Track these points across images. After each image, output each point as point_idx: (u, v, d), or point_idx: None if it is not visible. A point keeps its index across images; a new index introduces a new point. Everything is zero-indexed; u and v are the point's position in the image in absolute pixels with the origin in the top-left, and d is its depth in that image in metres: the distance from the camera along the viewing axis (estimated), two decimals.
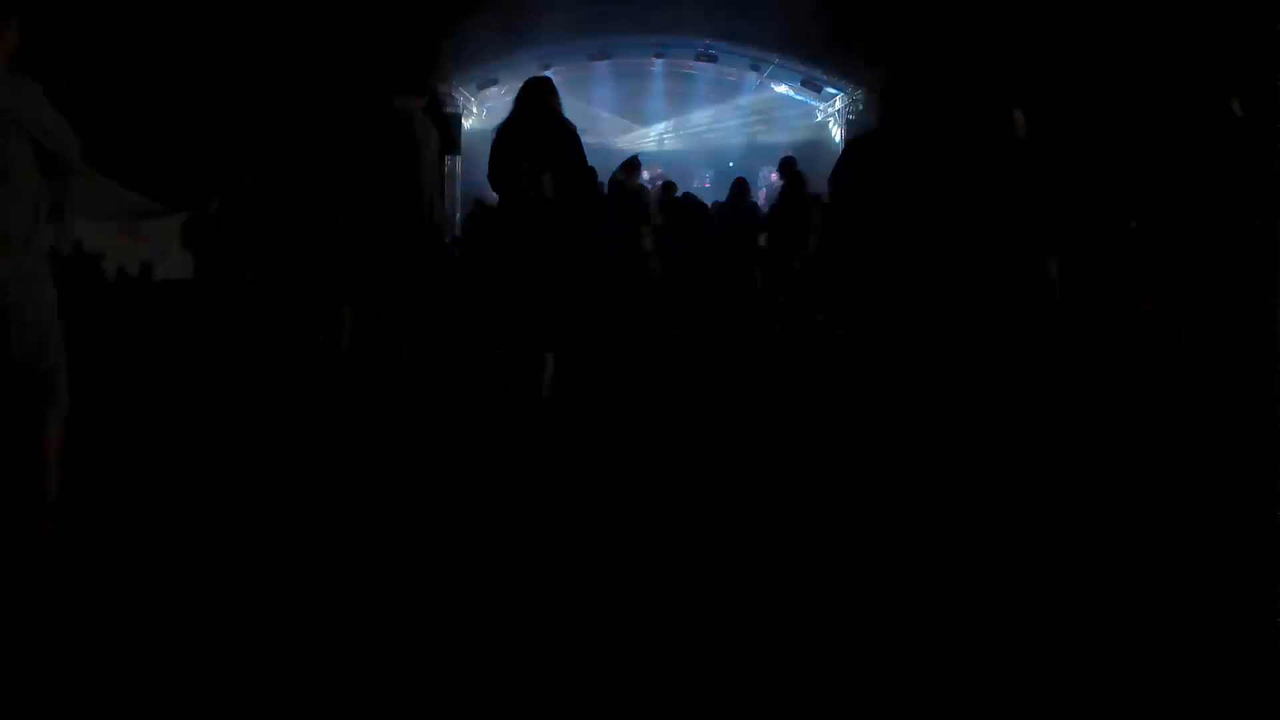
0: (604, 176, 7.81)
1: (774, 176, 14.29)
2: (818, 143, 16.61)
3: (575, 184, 4.32)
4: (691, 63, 16.31)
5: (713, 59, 15.97)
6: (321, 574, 2.32)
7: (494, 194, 4.52)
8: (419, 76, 4.24)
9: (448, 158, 12.58)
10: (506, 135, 4.32)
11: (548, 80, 4.55)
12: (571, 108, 4.67)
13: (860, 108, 14.44)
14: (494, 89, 15.44)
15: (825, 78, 15.13)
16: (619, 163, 8.18)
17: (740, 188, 9.03)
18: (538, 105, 4.33)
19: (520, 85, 4.55)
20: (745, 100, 17.80)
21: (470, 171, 13.64)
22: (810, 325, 6.92)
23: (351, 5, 11.25)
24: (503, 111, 4.63)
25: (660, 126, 18.46)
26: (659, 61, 16.38)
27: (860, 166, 4.87)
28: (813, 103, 16.47)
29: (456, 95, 14.71)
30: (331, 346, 4.35)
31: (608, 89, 16.98)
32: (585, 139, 4.46)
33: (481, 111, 15.71)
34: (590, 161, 7.36)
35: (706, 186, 16.55)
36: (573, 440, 3.88)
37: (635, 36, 15.11)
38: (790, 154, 9.85)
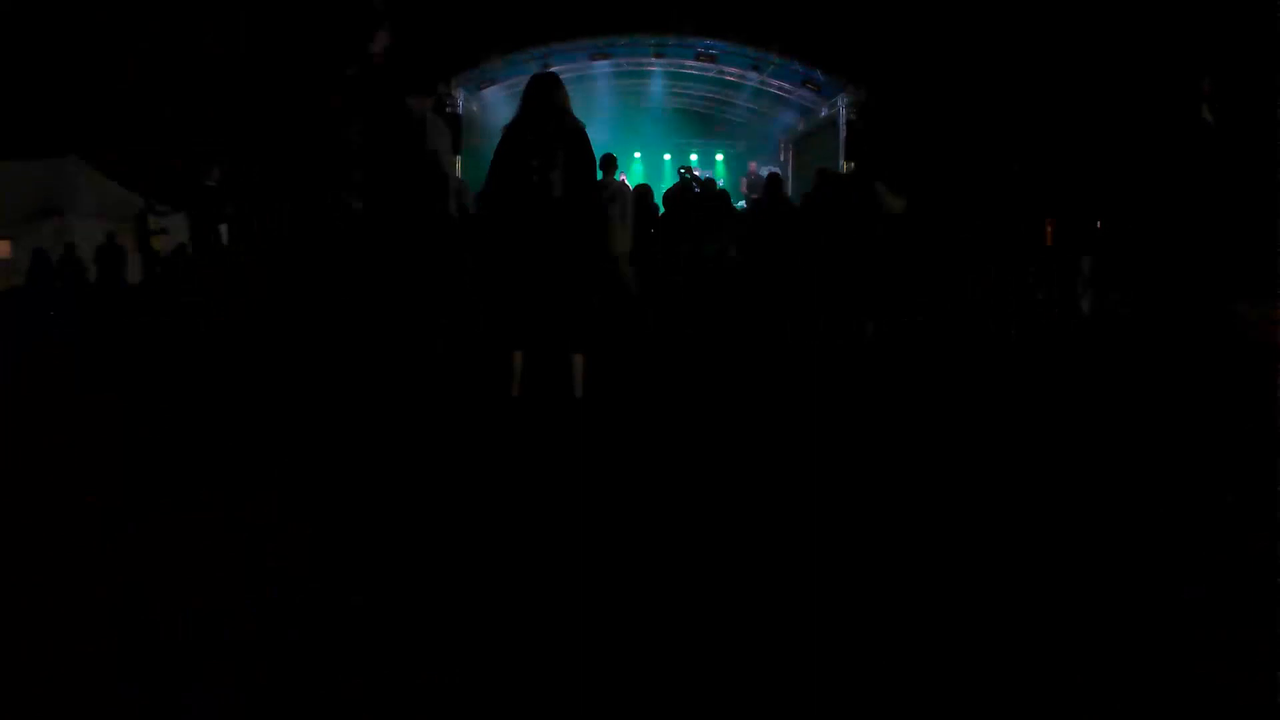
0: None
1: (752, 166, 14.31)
2: (819, 137, 16.64)
3: (584, 182, 4.29)
4: (691, 62, 16.30)
5: (713, 59, 15.96)
6: (328, 569, 2.32)
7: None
8: (427, 77, 4.26)
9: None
10: (514, 133, 4.27)
11: (554, 76, 4.47)
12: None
13: (861, 107, 14.45)
14: (493, 89, 15.47)
15: (825, 77, 15.14)
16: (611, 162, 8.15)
17: (775, 184, 8.74)
18: (546, 103, 4.28)
19: (527, 82, 4.47)
20: (745, 99, 17.82)
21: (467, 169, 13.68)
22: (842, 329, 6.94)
23: (355, 7, 11.28)
24: (501, 110, 4.65)
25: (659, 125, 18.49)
26: (659, 61, 16.37)
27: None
28: (812, 103, 16.48)
29: (456, 95, 14.73)
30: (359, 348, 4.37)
31: (608, 89, 16.99)
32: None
33: (481, 111, 15.73)
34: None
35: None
36: (586, 439, 3.88)
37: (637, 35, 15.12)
38: (775, 171, 9.77)
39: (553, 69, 15.68)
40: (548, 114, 4.24)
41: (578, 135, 4.25)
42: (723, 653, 1.85)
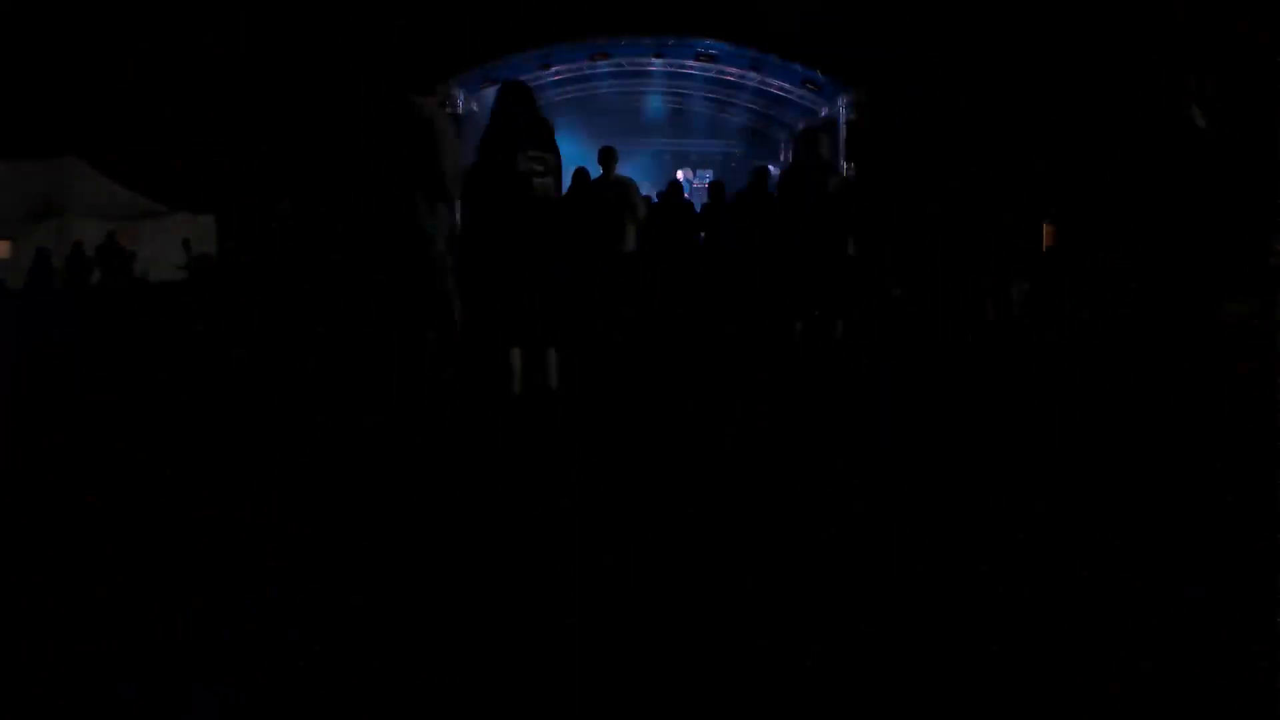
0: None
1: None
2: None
3: (554, 178, 4.49)
4: (691, 62, 16.29)
5: (713, 59, 15.95)
6: (328, 569, 2.32)
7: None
8: (427, 77, 4.40)
9: None
10: (494, 139, 4.44)
11: (522, 84, 4.72)
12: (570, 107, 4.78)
13: (861, 107, 14.45)
14: (493, 89, 15.45)
15: (825, 77, 15.13)
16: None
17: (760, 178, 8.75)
18: (519, 108, 4.47)
19: (499, 89, 4.71)
20: (745, 99, 17.82)
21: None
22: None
23: (356, 7, 11.28)
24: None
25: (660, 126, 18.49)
26: (659, 61, 16.36)
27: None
28: (812, 103, 16.47)
29: (456, 95, 14.72)
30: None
31: (608, 89, 16.99)
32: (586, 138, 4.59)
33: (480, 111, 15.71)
34: (587, 161, 7.48)
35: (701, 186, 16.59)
36: (582, 437, 3.88)
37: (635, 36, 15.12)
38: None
39: (553, 69, 15.74)
40: (523, 119, 4.44)
41: (547, 133, 4.44)
42: (720, 651, 1.85)
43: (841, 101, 15.19)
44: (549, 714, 1.65)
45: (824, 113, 16.25)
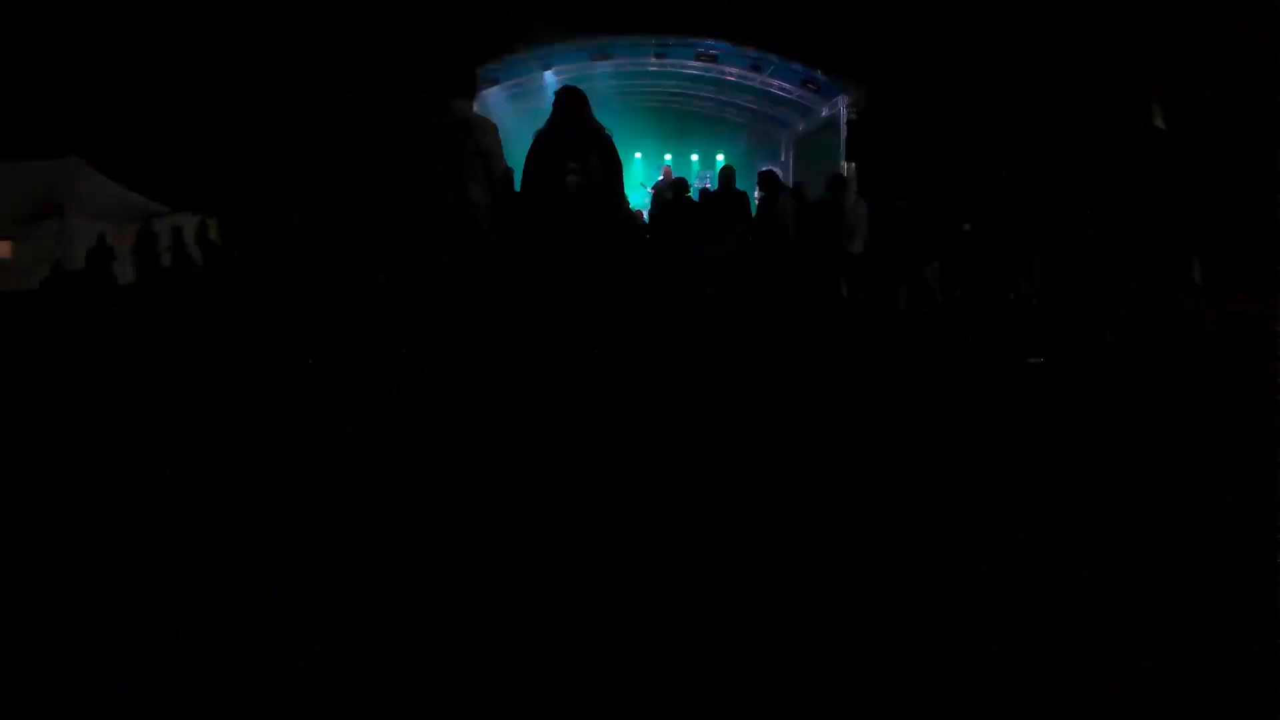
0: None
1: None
2: (819, 137, 16.63)
3: (615, 185, 4.56)
4: (692, 63, 16.30)
5: (713, 59, 15.95)
6: (328, 569, 2.31)
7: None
8: (427, 77, 4.50)
9: None
10: (546, 144, 4.52)
11: (579, 90, 4.79)
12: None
13: (861, 106, 14.44)
14: (494, 89, 15.44)
15: (825, 77, 15.12)
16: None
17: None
18: (573, 114, 4.55)
19: (555, 95, 4.77)
20: (746, 99, 17.82)
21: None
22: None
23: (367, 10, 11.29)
24: (502, 110, 4.90)
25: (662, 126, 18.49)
26: (659, 62, 16.36)
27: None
28: (812, 103, 16.47)
29: None
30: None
31: (609, 89, 16.98)
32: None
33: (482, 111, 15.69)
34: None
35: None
36: (582, 437, 3.88)
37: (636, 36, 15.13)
38: (772, 169, 9.97)
39: (553, 69, 15.72)
40: (579, 122, 4.54)
41: (607, 143, 4.56)
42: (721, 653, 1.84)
43: (841, 101, 15.19)
44: (549, 714, 1.65)
45: (824, 113, 16.26)
